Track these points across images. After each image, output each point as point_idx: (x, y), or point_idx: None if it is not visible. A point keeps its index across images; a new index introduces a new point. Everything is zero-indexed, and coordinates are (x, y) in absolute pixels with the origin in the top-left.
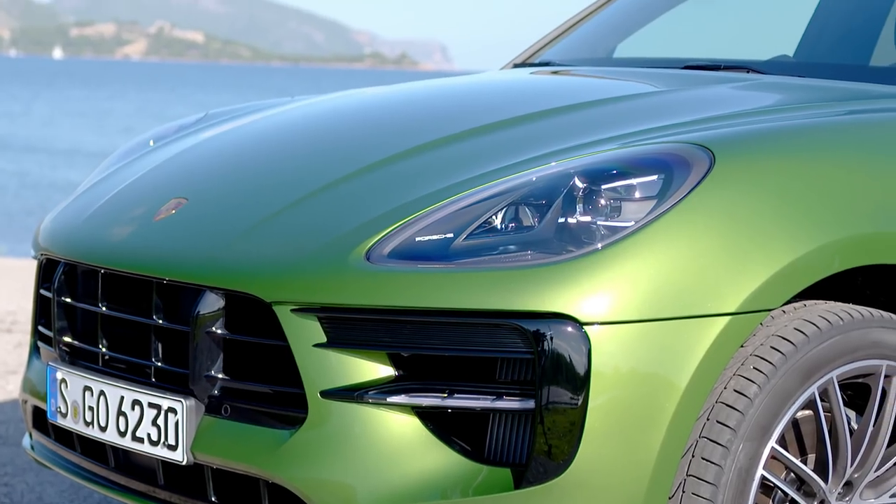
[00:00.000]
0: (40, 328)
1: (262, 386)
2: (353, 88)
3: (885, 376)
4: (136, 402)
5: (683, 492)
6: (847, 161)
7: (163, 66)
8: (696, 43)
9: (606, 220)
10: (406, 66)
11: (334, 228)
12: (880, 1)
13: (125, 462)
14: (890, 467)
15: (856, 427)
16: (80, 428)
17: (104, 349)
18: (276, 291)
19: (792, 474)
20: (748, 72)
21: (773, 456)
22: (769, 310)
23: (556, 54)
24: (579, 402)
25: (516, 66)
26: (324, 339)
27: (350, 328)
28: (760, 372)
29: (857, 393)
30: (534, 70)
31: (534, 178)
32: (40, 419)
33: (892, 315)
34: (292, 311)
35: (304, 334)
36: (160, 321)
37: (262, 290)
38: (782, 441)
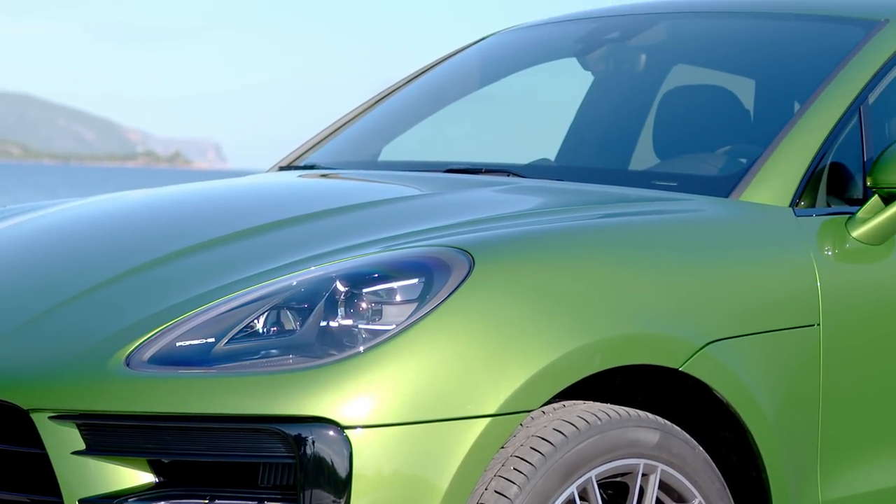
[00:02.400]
0: None
1: (19, 495)
2: (125, 187)
3: (643, 475)
4: None
5: None
6: (605, 263)
7: None
8: (459, 146)
9: (368, 324)
10: (179, 165)
11: (94, 334)
12: (638, 106)
13: None
14: None
15: None
16: None
17: None
18: (34, 398)
19: None
20: (509, 175)
21: None
22: (528, 411)
23: (321, 157)
24: None
25: (282, 168)
26: (83, 446)
27: (110, 435)
28: (520, 472)
29: (617, 492)
30: (299, 173)
31: (294, 283)
32: None
33: (649, 414)
34: (50, 418)
35: (62, 441)
36: None
37: (19, 398)
38: None
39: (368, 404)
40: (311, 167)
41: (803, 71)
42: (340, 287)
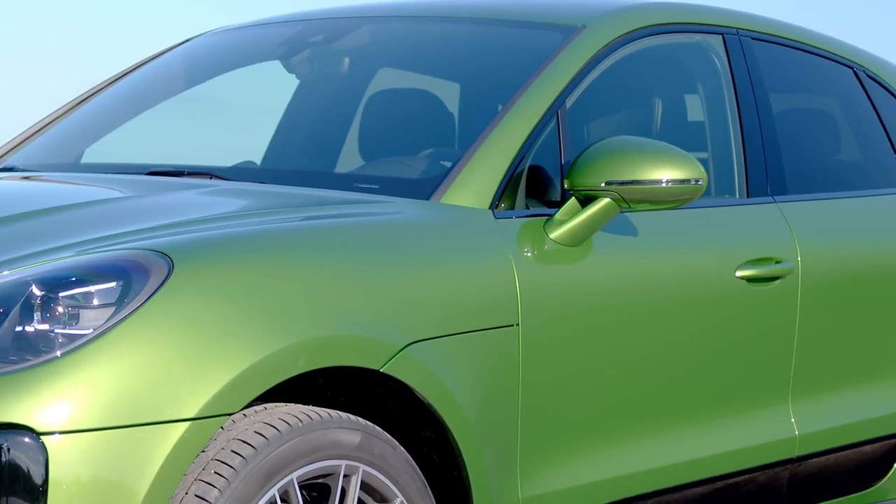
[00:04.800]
0: None
1: None
2: None
3: (345, 476)
4: None
5: None
6: (306, 265)
7: None
8: (163, 149)
9: (65, 328)
10: None
11: None
12: (344, 109)
13: None
14: None
15: None
16: None
17: None
18: None
19: None
20: (211, 178)
21: None
22: (229, 414)
23: (20, 159)
24: None
25: None
26: None
27: None
28: (221, 476)
29: (320, 493)
30: None
31: None
32: None
33: (350, 416)
34: None
35: None
36: None
37: None
38: None
39: (65, 410)
40: (10, 169)
41: (505, 75)
42: (36, 291)
